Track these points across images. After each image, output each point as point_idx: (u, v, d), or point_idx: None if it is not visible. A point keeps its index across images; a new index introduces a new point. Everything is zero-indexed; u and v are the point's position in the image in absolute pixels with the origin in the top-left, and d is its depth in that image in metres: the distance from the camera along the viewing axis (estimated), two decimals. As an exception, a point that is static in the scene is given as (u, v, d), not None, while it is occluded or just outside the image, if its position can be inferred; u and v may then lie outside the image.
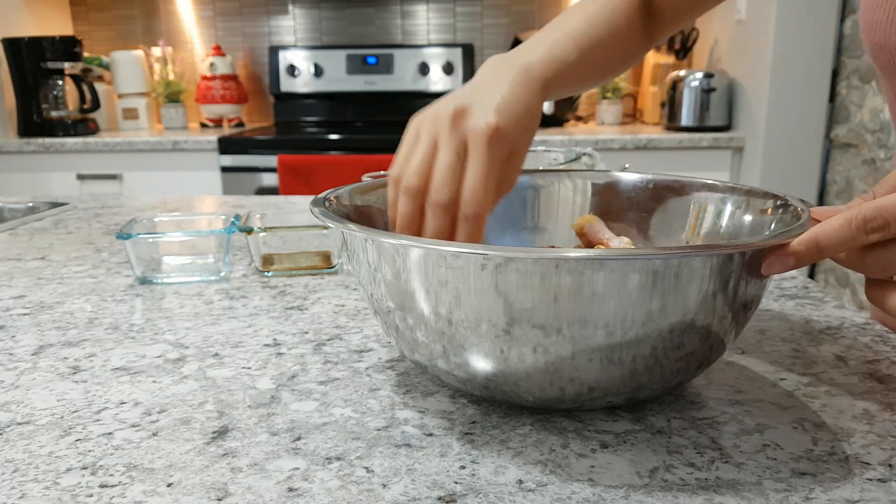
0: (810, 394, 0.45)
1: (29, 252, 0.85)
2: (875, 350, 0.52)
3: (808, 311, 0.61)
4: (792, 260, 0.36)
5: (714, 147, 2.12)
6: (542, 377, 0.38)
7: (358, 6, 2.62)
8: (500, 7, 2.59)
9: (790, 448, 0.39)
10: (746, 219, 0.49)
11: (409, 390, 0.46)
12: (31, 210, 1.12)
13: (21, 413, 0.44)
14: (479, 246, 0.35)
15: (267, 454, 0.39)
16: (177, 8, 2.66)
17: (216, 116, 2.56)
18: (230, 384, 0.48)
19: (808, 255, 0.35)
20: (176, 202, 1.19)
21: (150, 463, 0.38)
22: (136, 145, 2.21)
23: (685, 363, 0.39)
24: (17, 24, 2.40)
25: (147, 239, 0.73)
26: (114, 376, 0.49)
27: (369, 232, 0.39)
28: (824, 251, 0.35)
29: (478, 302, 0.36)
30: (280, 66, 2.58)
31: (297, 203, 1.14)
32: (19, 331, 0.58)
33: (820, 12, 1.91)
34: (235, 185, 2.19)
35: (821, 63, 1.94)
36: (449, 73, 2.54)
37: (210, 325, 0.59)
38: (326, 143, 2.20)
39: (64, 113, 2.34)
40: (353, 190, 0.52)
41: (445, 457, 0.38)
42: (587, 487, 0.35)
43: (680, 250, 0.35)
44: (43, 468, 0.38)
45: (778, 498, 0.34)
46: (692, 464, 0.37)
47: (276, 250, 0.79)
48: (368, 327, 0.58)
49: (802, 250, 0.35)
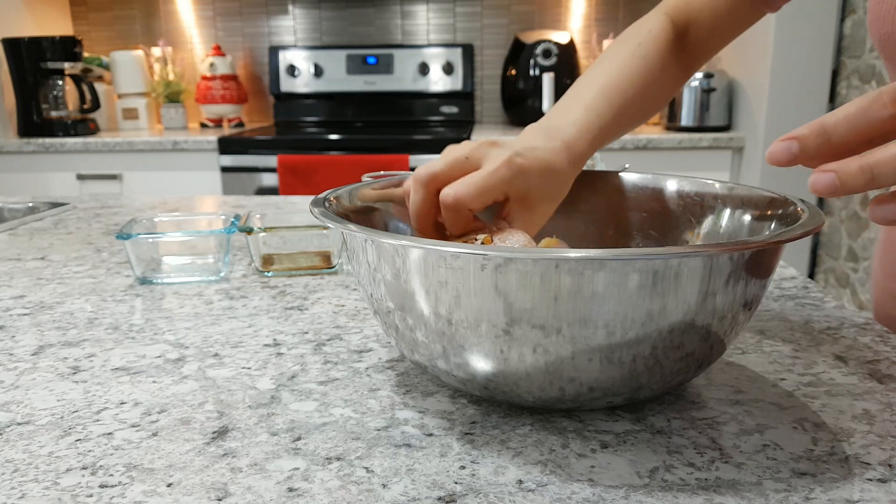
0: (810, 394, 0.45)
1: (29, 252, 0.85)
2: (875, 350, 0.52)
3: (808, 311, 0.61)
4: (795, 145, 0.32)
5: (714, 147, 2.12)
6: (542, 377, 0.38)
7: (358, 6, 2.62)
8: (500, 7, 2.59)
9: (790, 448, 0.39)
10: (746, 219, 0.49)
11: (409, 390, 0.46)
12: (31, 210, 1.12)
13: (21, 413, 0.44)
14: (478, 246, 0.35)
15: (267, 454, 0.39)
16: (177, 8, 2.66)
17: (216, 116, 2.56)
18: (230, 384, 0.48)
19: (813, 137, 0.31)
20: (176, 202, 1.19)
21: (150, 463, 0.38)
22: (136, 145, 2.21)
23: (685, 363, 0.39)
24: (17, 24, 2.40)
25: (147, 239, 0.73)
26: (114, 376, 0.49)
27: (369, 232, 0.39)
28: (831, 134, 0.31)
29: (478, 302, 0.36)
30: (280, 66, 2.58)
31: (297, 203, 1.14)
32: (19, 331, 0.58)
33: (820, 12, 1.92)
34: (235, 185, 2.19)
35: (821, 63, 1.94)
36: (449, 73, 2.54)
37: (210, 325, 0.59)
38: (326, 143, 2.20)
39: (64, 113, 2.34)
40: (353, 190, 0.52)
41: (445, 457, 0.38)
42: (587, 487, 0.35)
43: (680, 250, 0.35)
44: (43, 468, 0.38)
45: (778, 498, 0.34)
46: (692, 464, 0.37)
47: (276, 250, 0.79)
48: (368, 327, 0.58)
49: (805, 133, 0.31)
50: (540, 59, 2.37)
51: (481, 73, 2.65)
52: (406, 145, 2.15)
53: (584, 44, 2.56)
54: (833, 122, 0.31)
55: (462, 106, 2.59)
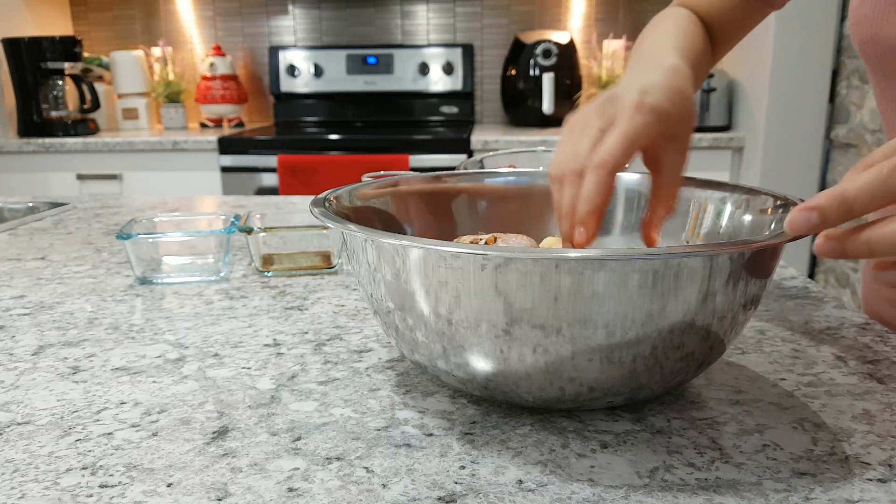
0: (810, 394, 0.45)
1: (29, 252, 0.85)
2: (875, 350, 0.52)
3: (808, 311, 0.61)
4: (815, 215, 0.32)
5: (714, 147, 2.12)
6: (542, 377, 0.38)
7: (358, 6, 2.62)
8: (500, 7, 2.59)
9: (790, 448, 0.39)
10: (746, 219, 0.49)
11: (409, 390, 0.46)
12: (31, 210, 1.12)
13: (21, 413, 0.44)
14: (478, 246, 0.35)
15: (267, 454, 0.39)
16: (177, 8, 2.66)
17: (216, 116, 2.56)
18: (230, 384, 0.48)
19: (834, 209, 0.31)
20: (176, 202, 1.18)
21: (150, 463, 0.38)
22: (136, 145, 2.21)
23: (685, 363, 0.39)
24: (17, 24, 2.40)
25: (147, 239, 0.73)
26: (114, 376, 0.49)
27: (369, 232, 0.39)
28: (852, 205, 0.31)
29: (478, 302, 0.36)
30: (280, 66, 2.58)
31: (297, 203, 1.14)
32: (19, 331, 0.58)
33: (820, 12, 1.92)
34: (235, 185, 2.19)
35: (821, 63, 1.94)
36: (449, 73, 2.54)
37: (210, 325, 0.59)
38: (326, 143, 2.20)
39: (64, 113, 2.34)
40: (353, 190, 0.52)
41: (445, 457, 0.38)
42: (587, 487, 0.35)
43: (680, 250, 0.35)
44: (43, 468, 0.38)
45: (778, 498, 0.34)
46: (692, 464, 0.37)
47: (276, 250, 0.79)
48: (368, 327, 0.58)
49: (825, 203, 0.31)
50: (540, 59, 2.37)
51: (481, 73, 2.64)
52: (406, 145, 2.15)
53: (584, 44, 2.56)
54: (854, 194, 0.31)
55: (462, 106, 2.59)
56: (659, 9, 0.67)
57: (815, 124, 1.97)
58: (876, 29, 0.54)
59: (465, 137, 2.13)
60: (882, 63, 0.56)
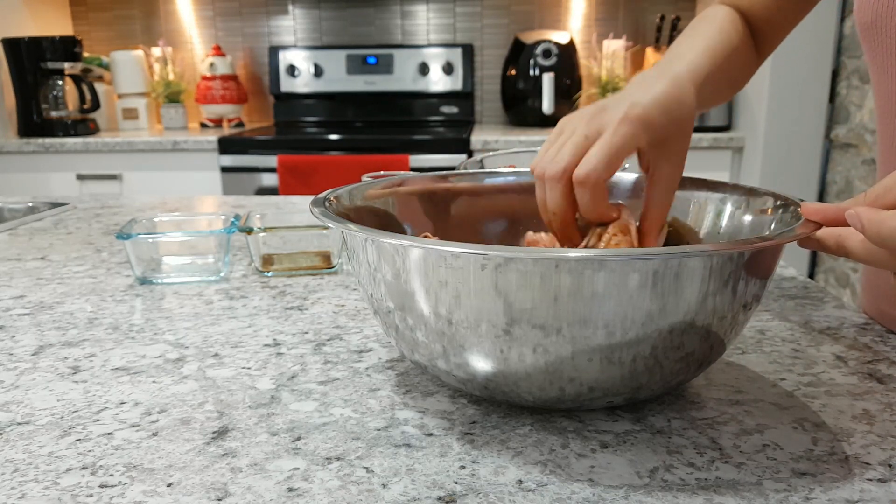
0: (810, 394, 0.45)
1: (29, 252, 0.85)
2: (875, 350, 0.52)
3: (808, 311, 0.61)
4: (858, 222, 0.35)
5: (714, 147, 2.12)
6: (542, 377, 0.38)
7: (358, 6, 2.62)
8: (500, 7, 2.59)
9: (790, 448, 0.39)
10: (746, 219, 0.49)
11: (409, 390, 0.46)
12: (31, 210, 1.12)
13: (21, 413, 0.44)
14: (478, 246, 0.35)
15: (267, 454, 0.39)
16: (177, 8, 2.66)
17: (216, 116, 2.56)
18: (230, 384, 0.48)
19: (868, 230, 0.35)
20: (176, 202, 1.18)
21: (150, 463, 0.38)
22: (136, 145, 2.21)
23: (685, 363, 0.39)
24: (17, 24, 2.40)
25: (147, 239, 0.73)
26: (114, 376, 0.49)
27: (369, 232, 0.39)
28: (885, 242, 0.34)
29: (478, 302, 0.36)
30: (280, 66, 2.58)
31: (297, 203, 1.14)
32: (19, 331, 0.58)
33: (820, 12, 1.91)
34: (235, 186, 2.19)
35: (821, 63, 1.94)
36: (449, 73, 2.54)
37: (210, 326, 0.59)
38: (326, 144, 2.20)
39: (64, 113, 2.34)
40: (353, 190, 0.52)
41: (445, 457, 0.38)
42: (587, 487, 0.35)
43: (680, 250, 0.35)
44: (43, 468, 0.38)
45: (778, 498, 0.34)
46: (692, 464, 0.37)
47: (276, 250, 0.79)
48: (368, 327, 0.58)
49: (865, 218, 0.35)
50: (540, 59, 2.37)
51: (481, 73, 2.64)
52: (406, 145, 2.15)
53: (584, 44, 2.56)
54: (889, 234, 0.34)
55: (462, 106, 2.59)
56: (659, 9, 0.66)
57: (814, 124, 1.97)
58: (875, 15, 0.55)
59: (465, 137, 2.13)
60: (880, 48, 0.56)
